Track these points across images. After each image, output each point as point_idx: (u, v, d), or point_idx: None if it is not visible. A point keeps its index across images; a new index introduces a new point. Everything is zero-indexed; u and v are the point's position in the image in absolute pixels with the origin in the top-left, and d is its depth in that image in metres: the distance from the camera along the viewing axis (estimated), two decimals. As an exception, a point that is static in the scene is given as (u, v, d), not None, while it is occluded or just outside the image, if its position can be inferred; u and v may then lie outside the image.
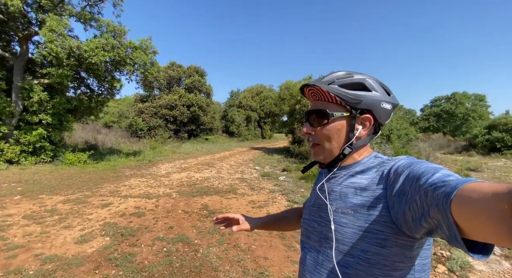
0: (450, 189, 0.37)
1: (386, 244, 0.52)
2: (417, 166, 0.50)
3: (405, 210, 0.48)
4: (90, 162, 8.70)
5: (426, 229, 0.44)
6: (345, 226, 0.58)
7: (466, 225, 0.35)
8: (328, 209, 0.63)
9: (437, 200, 0.39)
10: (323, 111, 0.63)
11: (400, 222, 0.50)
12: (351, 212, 0.58)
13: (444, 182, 0.40)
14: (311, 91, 0.66)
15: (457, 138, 23.16)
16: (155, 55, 9.62)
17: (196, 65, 21.71)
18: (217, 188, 5.81)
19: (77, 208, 4.23)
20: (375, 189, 0.57)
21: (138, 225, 3.58)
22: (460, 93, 30.05)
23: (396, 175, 0.54)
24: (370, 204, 0.56)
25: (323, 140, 0.65)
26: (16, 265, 2.47)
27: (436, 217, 0.40)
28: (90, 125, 17.36)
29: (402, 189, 0.50)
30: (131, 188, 5.65)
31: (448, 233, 0.38)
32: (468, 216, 0.33)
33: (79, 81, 9.66)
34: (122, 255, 2.73)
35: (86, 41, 7.98)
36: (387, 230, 0.52)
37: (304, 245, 0.72)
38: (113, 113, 21.80)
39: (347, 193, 0.61)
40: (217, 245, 3.03)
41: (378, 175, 0.59)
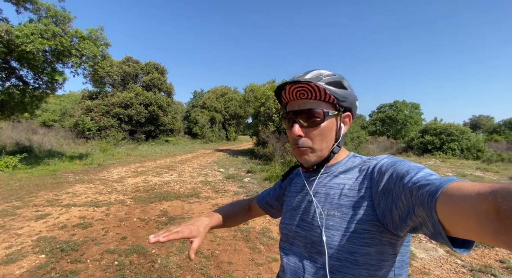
0: (434, 188, 0.38)
1: (372, 242, 0.52)
2: (401, 164, 0.51)
3: (391, 208, 0.48)
4: (22, 166, 7.42)
5: (410, 226, 0.45)
6: (332, 228, 0.56)
7: (450, 223, 0.35)
8: (318, 213, 0.60)
9: (422, 199, 0.39)
10: (319, 111, 0.59)
11: (387, 220, 0.50)
12: (338, 213, 0.56)
13: (428, 180, 0.41)
14: (298, 89, 0.60)
15: (398, 140, 26.25)
16: (108, 48, 8.72)
17: (156, 62, 20.46)
18: (178, 192, 5.48)
19: (3, 222, 3.54)
20: (359, 188, 0.57)
21: (83, 238, 3.14)
22: (401, 102, 34.31)
23: (380, 174, 0.54)
24: (356, 204, 0.55)
25: (316, 141, 0.61)
26: None
27: (421, 215, 0.40)
28: (23, 124, 14.99)
29: (387, 187, 0.50)
30: (76, 196, 4.97)
31: (432, 230, 0.39)
32: (453, 215, 0.34)
33: (9, 72, 8.19)
34: (61, 274, 2.34)
35: (19, 26, 6.82)
36: (373, 228, 0.52)
37: (285, 251, 0.67)
38: (54, 110, 19.18)
39: (333, 194, 0.60)
40: (178, 253, 2.82)
41: (362, 173, 0.59)
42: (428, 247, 3.14)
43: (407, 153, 17.64)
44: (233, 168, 9.23)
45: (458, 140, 14.66)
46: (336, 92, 0.60)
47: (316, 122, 0.60)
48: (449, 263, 2.73)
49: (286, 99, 0.64)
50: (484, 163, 11.85)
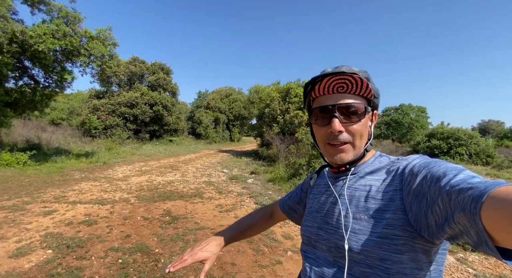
0: (478, 192, 0.34)
1: (404, 249, 0.48)
2: (436, 165, 0.47)
3: (427, 214, 0.44)
4: (31, 163, 7.59)
5: (449, 234, 0.41)
6: (359, 232, 0.53)
7: (499, 232, 0.31)
8: (343, 216, 0.57)
9: (463, 204, 0.36)
10: (361, 106, 0.57)
11: (421, 226, 0.46)
12: (365, 216, 0.53)
13: (470, 184, 0.37)
14: (338, 82, 0.56)
15: (403, 144, 25.96)
16: (115, 48, 8.87)
17: (161, 62, 20.68)
18: (182, 192, 5.53)
19: (13, 217, 3.63)
20: (388, 191, 0.53)
21: (89, 235, 3.19)
22: (406, 105, 33.93)
23: (412, 175, 0.50)
24: (385, 207, 0.51)
25: (356, 138, 0.58)
26: None
27: (462, 222, 0.36)
28: (34, 122, 15.27)
29: (421, 190, 0.46)
30: (81, 193, 5.06)
31: (476, 239, 0.35)
32: (503, 223, 0.30)
33: (22, 71, 8.39)
34: (67, 270, 2.39)
35: (33, 26, 7.00)
36: (405, 234, 0.48)
37: (308, 255, 0.64)
38: (63, 109, 19.51)
39: (359, 197, 0.56)
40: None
41: (390, 175, 0.55)
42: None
43: (412, 157, 17.40)
44: (236, 169, 9.26)
45: (467, 144, 14.42)
46: (373, 88, 0.58)
47: (357, 118, 0.57)
48: (460, 272, 2.64)
49: (318, 93, 0.59)
50: (494, 169, 11.63)
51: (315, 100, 0.62)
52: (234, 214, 4.27)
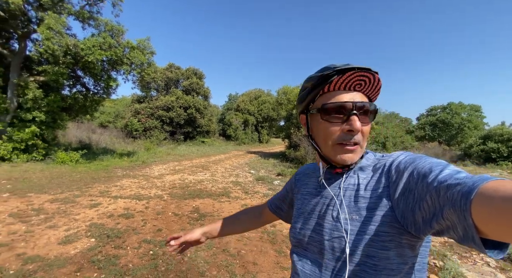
0: (467, 188, 0.35)
1: (391, 245, 0.49)
2: (421, 161, 0.48)
3: (414, 210, 0.45)
4: (82, 161, 8.57)
5: (436, 229, 0.42)
6: (351, 233, 0.53)
7: (487, 226, 0.32)
8: (342, 218, 0.56)
9: (452, 201, 0.36)
10: (374, 107, 0.57)
11: (407, 222, 0.46)
12: (356, 216, 0.53)
13: (457, 179, 0.38)
14: (359, 78, 0.53)
15: (452, 147, 23.39)
16: (153, 56, 9.60)
17: (195, 68, 21.76)
18: (210, 191, 5.73)
19: (65, 208, 4.13)
20: (375, 188, 0.53)
21: (126, 227, 3.49)
22: (456, 104, 30.48)
23: (398, 172, 0.50)
24: (372, 205, 0.52)
25: (364, 139, 0.57)
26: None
27: (450, 218, 0.37)
28: (85, 125, 17.21)
29: (407, 187, 0.47)
30: (122, 189, 5.55)
31: (462, 233, 0.36)
32: (492, 218, 0.31)
33: (75, 80, 9.58)
34: (106, 257, 2.65)
35: (84, 40, 7.95)
36: (392, 230, 0.49)
37: (300, 257, 0.64)
38: (109, 113, 21.67)
39: (349, 196, 0.56)
40: (206, 249, 2.95)
41: (377, 172, 0.56)
42: (485, 271, 2.73)
43: (463, 161, 15.58)
44: (263, 170, 9.28)
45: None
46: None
47: (369, 119, 0.57)
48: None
49: (334, 87, 0.56)
50: None
51: (325, 96, 0.57)
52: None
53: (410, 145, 20.18)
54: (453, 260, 2.88)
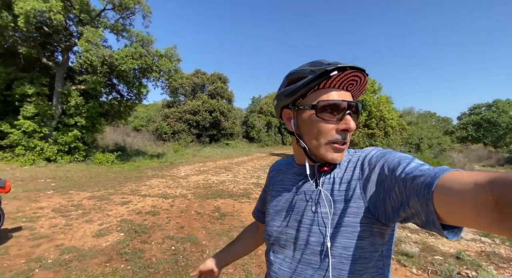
0: (430, 179, 0.38)
1: (364, 235, 0.51)
2: (391, 156, 0.52)
3: (385, 200, 0.48)
4: (117, 162, 9.27)
5: (402, 217, 0.45)
6: (327, 226, 0.54)
7: (446, 213, 0.36)
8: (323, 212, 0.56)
9: (417, 190, 0.40)
10: (360, 106, 0.58)
11: (378, 212, 0.50)
12: (331, 210, 0.54)
13: (421, 171, 0.41)
14: (352, 78, 0.54)
15: (499, 149, 20.93)
16: (179, 63, 10.11)
17: (219, 72, 22.44)
18: (232, 192, 5.83)
19: (100, 204, 4.50)
20: (350, 181, 0.55)
21: (152, 223, 3.69)
22: (503, 101, 27.24)
23: (370, 165, 0.54)
24: (347, 198, 0.54)
25: (349, 137, 0.58)
26: (38, 254, 2.67)
27: (415, 206, 0.41)
28: (121, 128, 18.61)
29: (379, 179, 0.50)
30: (151, 188, 5.89)
31: (425, 219, 0.40)
32: (450, 205, 0.35)
33: (111, 87, 10.47)
34: (132, 251, 2.82)
35: (118, 50, 8.66)
36: (365, 220, 0.51)
37: (276, 255, 0.62)
38: (142, 117, 23.20)
39: (327, 190, 0.57)
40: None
41: (351, 166, 0.58)
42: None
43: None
44: (287, 172, 9.18)
45: None
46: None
47: (357, 118, 0.58)
48: None
49: (331, 84, 0.55)
50: None
51: (319, 92, 0.56)
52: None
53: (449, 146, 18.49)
54: (488, 270, 2.58)
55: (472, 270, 2.63)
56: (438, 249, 3.20)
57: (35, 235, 3.09)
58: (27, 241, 2.95)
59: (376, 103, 11.27)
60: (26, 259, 2.55)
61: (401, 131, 11.85)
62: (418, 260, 2.87)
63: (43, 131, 8.33)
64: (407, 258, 2.90)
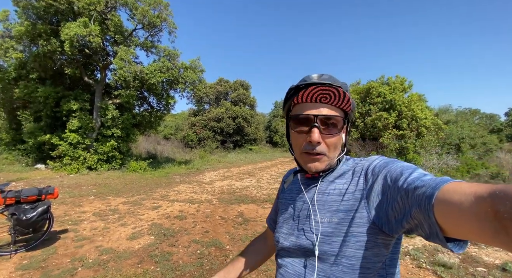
0: (430, 189, 0.38)
1: (368, 245, 0.52)
2: (394, 165, 0.52)
3: (387, 210, 0.48)
4: (149, 169, 9.88)
5: (406, 228, 0.45)
6: (331, 235, 0.56)
7: (447, 224, 0.36)
8: (314, 221, 0.59)
9: (418, 201, 0.40)
10: (340, 119, 0.58)
11: (382, 222, 0.50)
12: (336, 219, 0.56)
13: (423, 181, 0.42)
14: (323, 92, 0.56)
15: None
16: (203, 73, 10.57)
17: (241, 80, 22.91)
18: (255, 197, 5.88)
19: (133, 209, 4.84)
20: (354, 191, 0.56)
21: (179, 227, 3.88)
22: None
23: (373, 175, 0.54)
24: (351, 207, 0.55)
25: (330, 149, 0.59)
26: (80, 254, 2.96)
27: (417, 217, 0.40)
28: (152, 137, 19.81)
29: (382, 189, 0.51)
30: (179, 193, 6.18)
31: (428, 231, 0.40)
32: (451, 216, 0.35)
33: (142, 100, 11.27)
34: (161, 253, 3.00)
35: (147, 65, 9.35)
36: (369, 231, 0.52)
37: (284, 260, 0.65)
38: (171, 126, 24.49)
39: (331, 201, 0.59)
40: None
41: (355, 176, 0.59)
42: None
43: None
44: (311, 177, 8.99)
45: None
46: (352, 101, 0.59)
47: (336, 131, 0.58)
48: None
49: (301, 100, 0.59)
50: None
51: (296, 106, 0.61)
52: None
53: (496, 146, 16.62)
54: None
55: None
56: (481, 259, 2.90)
57: (79, 237, 3.44)
58: (72, 242, 3.29)
59: (407, 102, 10.59)
60: (71, 258, 2.84)
61: (437, 131, 10.96)
62: (458, 271, 2.63)
63: (86, 143, 9.23)
64: (444, 269, 2.68)
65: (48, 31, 8.13)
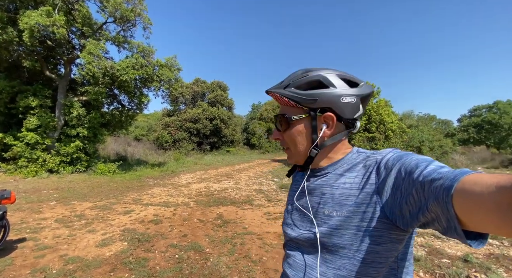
0: (449, 181, 0.37)
1: (381, 240, 0.50)
2: (408, 158, 0.50)
3: (401, 204, 0.46)
4: (118, 172, 9.28)
5: (422, 222, 0.44)
6: (341, 228, 0.55)
7: (467, 217, 0.34)
8: (321, 213, 0.60)
9: (436, 193, 0.38)
10: (284, 116, 0.63)
11: (395, 217, 0.48)
12: (346, 213, 0.55)
13: (440, 173, 0.40)
14: (274, 96, 0.66)
15: (503, 151, 20.85)
16: (179, 72, 10.25)
17: (219, 81, 22.69)
18: (234, 199, 5.81)
19: (102, 214, 4.49)
20: (365, 185, 0.55)
21: (155, 232, 3.68)
22: (504, 102, 27.29)
23: (386, 169, 0.52)
24: (362, 201, 0.54)
25: (290, 144, 0.65)
26: (42, 264, 2.66)
27: (434, 210, 0.39)
28: (122, 138, 18.68)
29: (395, 183, 0.49)
30: (153, 197, 5.89)
31: (446, 225, 0.38)
32: (471, 209, 0.33)
33: (112, 98, 10.59)
34: (136, 260, 2.81)
35: (119, 61, 8.82)
36: (381, 226, 0.50)
37: (292, 250, 0.66)
38: (143, 127, 23.32)
39: (339, 194, 0.58)
40: (228, 254, 2.99)
41: (367, 170, 0.57)
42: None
43: (515, 166, 13.79)
44: (287, 178, 9.12)
45: None
46: (299, 95, 0.58)
47: (284, 128, 0.65)
48: None
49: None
50: None
51: None
52: (281, 222, 4.22)
53: (451, 149, 18.42)
54: (498, 273, 2.55)
55: (481, 273, 2.61)
56: (445, 252, 3.18)
57: (39, 246, 3.09)
58: (31, 251, 2.95)
59: (375, 107, 11.35)
60: (31, 269, 2.55)
61: (401, 134, 11.88)
62: (425, 263, 2.84)
63: (46, 143, 8.39)
64: (413, 261, 2.88)
65: (4, 19, 7.29)
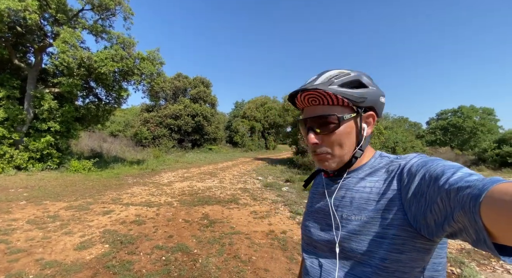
0: (477, 190, 0.34)
1: (405, 249, 0.48)
2: (434, 164, 0.47)
3: (426, 213, 0.44)
4: (94, 169, 8.78)
5: (448, 232, 0.42)
6: (360, 233, 0.54)
7: (497, 229, 0.32)
8: (334, 217, 0.59)
9: (462, 203, 0.36)
10: (332, 116, 0.57)
11: (419, 225, 0.46)
12: (365, 218, 0.54)
13: (468, 182, 0.37)
14: (308, 97, 0.58)
15: (465, 152, 22.74)
16: (162, 66, 9.88)
17: (202, 77, 22.20)
18: (219, 198, 5.77)
19: (79, 215, 4.24)
20: (387, 191, 0.53)
21: (138, 233, 3.55)
22: (467, 107, 29.82)
23: (410, 175, 0.50)
24: (384, 207, 0.52)
25: (334, 147, 0.58)
26: (17, 269, 2.46)
27: (461, 220, 0.37)
28: (97, 134, 17.66)
29: (419, 190, 0.47)
30: (133, 196, 5.65)
31: (475, 237, 0.36)
32: (501, 220, 0.31)
33: (88, 91, 9.94)
34: (120, 263, 2.70)
35: (97, 52, 8.29)
36: (404, 234, 0.48)
37: (310, 255, 0.65)
38: (120, 122, 22.19)
39: (359, 198, 0.57)
40: (217, 255, 2.97)
41: (390, 175, 0.55)
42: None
43: (478, 166, 15.15)
44: (271, 177, 9.26)
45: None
46: (352, 93, 0.56)
47: (331, 129, 0.57)
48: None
49: (300, 105, 0.63)
50: None
51: (303, 110, 0.65)
52: (268, 221, 4.28)
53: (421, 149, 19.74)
54: (471, 267, 2.79)
55: (456, 267, 2.83)
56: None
57: (12, 249, 2.86)
58: (4, 255, 2.72)
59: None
60: (5, 274, 2.35)
61: (378, 135, 12.50)
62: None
63: (13, 137, 7.68)
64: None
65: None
